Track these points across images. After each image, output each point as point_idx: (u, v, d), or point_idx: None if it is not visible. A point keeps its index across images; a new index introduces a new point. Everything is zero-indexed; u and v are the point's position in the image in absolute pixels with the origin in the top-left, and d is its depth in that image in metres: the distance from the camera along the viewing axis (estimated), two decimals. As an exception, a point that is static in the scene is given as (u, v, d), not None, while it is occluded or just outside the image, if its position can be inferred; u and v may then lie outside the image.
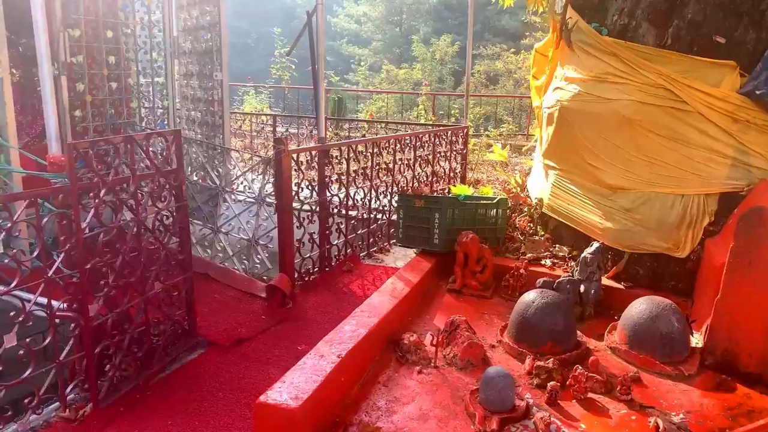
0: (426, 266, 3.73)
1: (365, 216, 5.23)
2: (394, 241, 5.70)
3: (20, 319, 2.37)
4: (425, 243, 3.93)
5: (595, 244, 3.42)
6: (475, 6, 7.19)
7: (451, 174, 6.76)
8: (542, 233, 4.12)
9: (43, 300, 2.44)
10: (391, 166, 5.52)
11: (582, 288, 3.37)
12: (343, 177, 4.77)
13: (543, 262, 3.84)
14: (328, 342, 2.58)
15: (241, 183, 5.06)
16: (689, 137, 3.33)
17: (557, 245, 3.98)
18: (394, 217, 5.79)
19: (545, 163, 4.08)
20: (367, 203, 5.23)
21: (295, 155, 4.12)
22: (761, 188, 3.22)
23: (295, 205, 4.21)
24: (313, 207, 4.49)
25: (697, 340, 3.00)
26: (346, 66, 28.79)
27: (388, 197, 5.62)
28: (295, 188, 4.18)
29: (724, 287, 2.78)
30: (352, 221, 5.04)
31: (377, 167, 5.32)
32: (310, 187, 4.34)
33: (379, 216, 5.52)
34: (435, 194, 6.28)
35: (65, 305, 2.55)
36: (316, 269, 4.61)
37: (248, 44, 32.08)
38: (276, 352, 3.42)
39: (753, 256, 2.70)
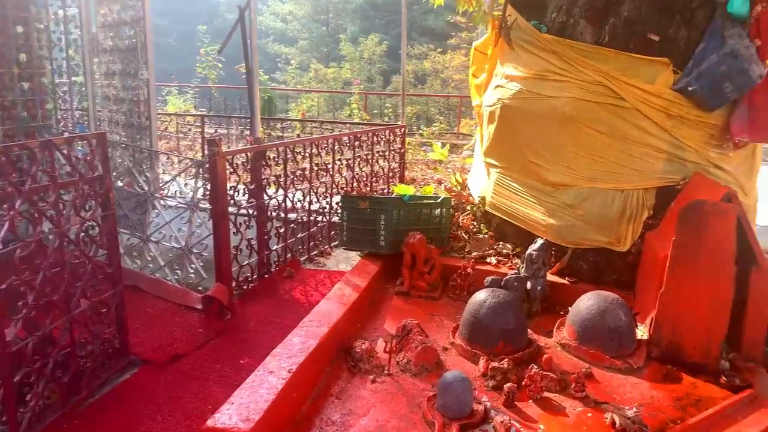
0: (373, 269, 3.63)
1: (305, 219, 5.08)
2: (336, 243, 5.58)
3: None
4: (371, 245, 3.82)
5: (540, 241, 3.43)
6: (401, 5, 7.17)
7: (390, 174, 6.71)
8: (486, 231, 4.11)
9: (-49, 326, 2.17)
10: (330, 166, 5.40)
11: (528, 285, 3.37)
12: (281, 179, 4.60)
13: (488, 260, 3.83)
14: (277, 356, 2.44)
15: (172, 188, 4.78)
16: (627, 133, 3.40)
17: (501, 243, 3.98)
18: (335, 219, 5.69)
19: (487, 161, 4.07)
20: (307, 205, 5.08)
21: (230, 157, 3.91)
22: (695, 181, 3.32)
23: (230, 209, 4.00)
24: (250, 211, 4.30)
25: (642, 332, 3.05)
26: (273, 65, 28.30)
27: (328, 199, 5.48)
28: (230, 192, 3.97)
29: (667, 280, 2.84)
30: (292, 225, 4.88)
31: (316, 168, 5.18)
32: (246, 191, 4.15)
33: (319, 218, 5.38)
34: (376, 194, 6.21)
35: (-23, 330, 2.27)
36: (255, 277, 4.42)
37: (170, 43, 30.93)
38: (217, 368, 3.22)
39: (694, 248, 2.77)
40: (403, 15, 6.80)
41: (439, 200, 4.06)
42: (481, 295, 2.95)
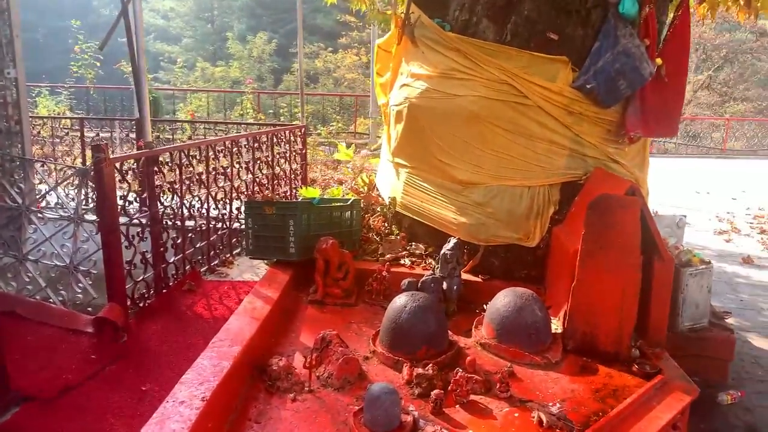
0: (283, 278, 3.44)
1: (203, 227, 4.77)
2: (237, 251, 5.30)
3: None
4: (280, 253, 3.62)
5: (453, 240, 3.41)
6: (288, 4, 6.99)
7: (292, 175, 6.50)
8: (397, 232, 4.05)
9: None
10: (228, 170, 5.11)
11: (445, 285, 3.34)
12: (175, 185, 4.27)
13: (402, 261, 3.76)
14: (187, 383, 2.20)
15: (50, 199, 4.28)
16: (531, 130, 3.46)
17: (413, 243, 3.93)
18: (236, 225, 5.40)
19: (395, 161, 4.00)
20: (205, 213, 4.77)
21: (118, 164, 3.56)
22: (597, 175, 3.45)
23: (121, 220, 3.65)
24: (143, 221, 3.94)
25: (556, 325, 3.11)
26: (156, 63, 26.89)
27: (228, 204, 5.19)
28: (120, 202, 3.62)
29: (579, 273, 2.90)
30: (190, 234, 4.55)
31: (213, 172, 4.87)
32: (138, 200, 3.80)
33: (219, 225, 5.08)
34: (279, 198, 5.98)
35: None
36: (152, 293, 4.07)
37: (37, 39, 28.46)
38: (116, 398, 2.91)
39: (603, 241, 2.84)
40: (299, 12, 6.61)
41: (349, 202, 3.94)
42: (400, 300, 2.86)
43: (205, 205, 4.74)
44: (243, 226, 5.54)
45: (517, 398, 2.52)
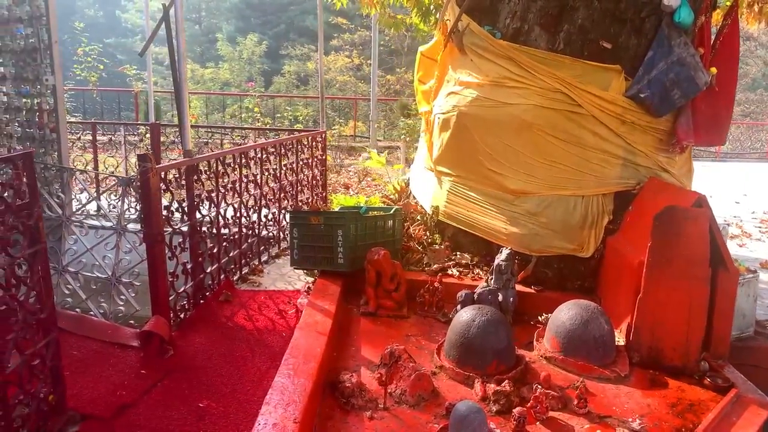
0: (335, 290, 3.38)
1: (236, 236, 4.68)
2: (265, 260, 5.23)
3: None
4: (327, 263, 3.57)
5: (505, 251, 3.36)
6: (277, 6, 6.92)
7: (314, 182, 6.42)
8: (440, 242, 4.00)
9: None
10: (258, 177, 5.03)
11: (500, 297, 3.30)
12: (213, 194, 4.18)
13: (450, 272, 3.71)
14: (274, 404, 2.14)
15: (90, 209, 4.16)
16: (585, 139, 3.43)
17: (458, 253, 3.89)
18: (264, 233, 5.32)
19: (438, 169, 3.96)
20: (238, 221, 4.68)
21: (163, 173, 3.48)
22: (650, 186, 3.42)
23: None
24: (184, 230, 3.86)
25: (618, 338, 3.08)
26: (142, 65, 26.69)
27: (257, 212, 5.11)
28: (165, 212, 3.54)
29: (645, 285, 2.87)
30: (224, 243, 4.47)
31: (245, 180, 4.79)
32: (180, 210, 3.72)
33: (249, 233, 5.00)
34: (302, 205, 5.91)
35: None
36: (192, 303, 3.98)
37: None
38: (175, 416, 2.82)
39: (670, 253, 2.82)
40: (319, 15, 6.54)
41: (391, 211, 3.89)
42: (467, 314, 2.81)
43: (239, 213, 4.66)
44: (269, 234, 5.49)
45: (596, 414, 2.48)
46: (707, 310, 2.82)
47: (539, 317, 3.30)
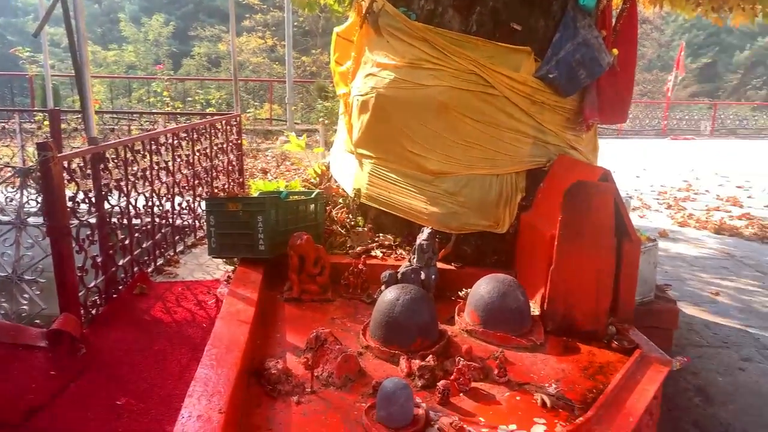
0: (257, 277, 3.32)
1: (149, 226, 4.50)
2: (181, 249, 5.07)
3: None
4: (248, 251, 3.49)
5: (426, 230, 3.42)
6: None
7: (230, 167, 6.25)
8: (363, 224, 4.01)
9: None
10: (170, 165, 4.84)
11: (423, 275, 3.36)
12: (122, 183, 3.99)
13: (373, 253, 3.74)
14: (198, 395, 2.09)
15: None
16: (498, 119, 3.53)
17: (381, 234, 3.92)
18: (178, 222, 5.15)
19: (359, 152, 3.95)
20: (150, 211, 4.50)
21: (66, 162, 3.27)
22: (560, 163, 3.58)
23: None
24: (92, 222, 3.66)
25: (533, 308, 3.22)
26: (37, 47, 24.94)
27: (170, 200, 4.93)
28: (70, 204, 3.34)
29: (557, 257, 3.02)
30: (136, 234, 4.28)
31: (156, 167, 4.60)
32: (87, 201, 3.52)
33: (163, 223, 4.82)
34: (218, 192, 5.76)
35: None
36: (104, 299, 3.80)
37: None
38: (90, 416, 2.70)
39: (580, 226, 2.97)
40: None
41: (313, 195, 3.86)
42: (391, 293, 2.85)
43: (150, 202, 4.48)
44: (184, 223, 5.31)
45: (515, 382, 2.59)
46: (614, 277, 3.01)
47: (459, 292, 3.40)
